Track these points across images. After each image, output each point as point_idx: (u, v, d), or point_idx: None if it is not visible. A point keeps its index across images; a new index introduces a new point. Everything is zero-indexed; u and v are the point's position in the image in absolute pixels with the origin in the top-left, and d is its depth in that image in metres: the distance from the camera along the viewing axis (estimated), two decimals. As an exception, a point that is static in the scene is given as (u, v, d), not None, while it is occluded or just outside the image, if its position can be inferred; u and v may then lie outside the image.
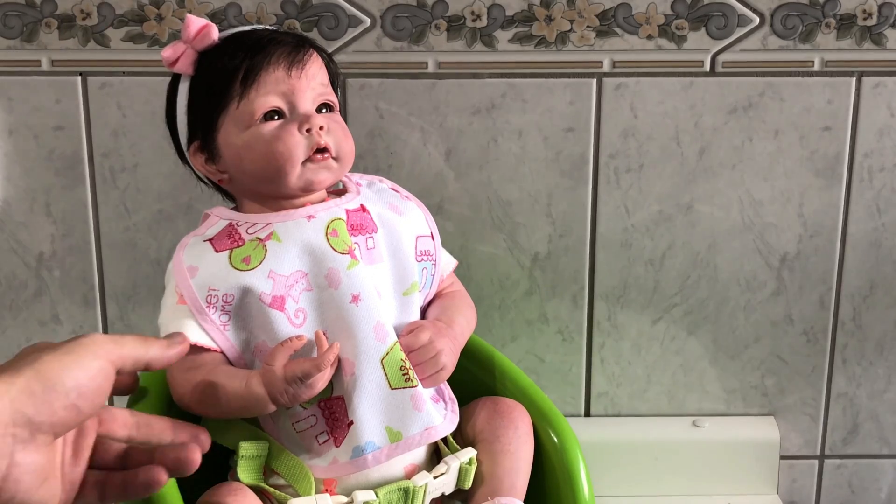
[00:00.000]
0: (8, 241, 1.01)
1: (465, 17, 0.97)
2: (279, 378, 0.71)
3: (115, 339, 0.57)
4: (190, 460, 0.58)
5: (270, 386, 0.71)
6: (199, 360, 0.74)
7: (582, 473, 0.81)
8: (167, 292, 0.77)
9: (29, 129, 0.98)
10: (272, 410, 0.73)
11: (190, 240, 0.77)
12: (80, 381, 0.53)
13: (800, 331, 1.06)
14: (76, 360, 0.54)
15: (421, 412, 0.76)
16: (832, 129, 1.00)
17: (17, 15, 0.96)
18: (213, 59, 0.77)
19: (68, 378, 0.53)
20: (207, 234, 0.77)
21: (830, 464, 1.10)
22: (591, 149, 1.01)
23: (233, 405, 0.72)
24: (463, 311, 0.84)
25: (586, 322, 1.05)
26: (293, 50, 0.78)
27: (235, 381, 0.72)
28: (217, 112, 0.77)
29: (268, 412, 0.73)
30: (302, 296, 0.75)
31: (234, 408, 0.73)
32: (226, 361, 0.75)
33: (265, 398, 0.71)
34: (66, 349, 0.54)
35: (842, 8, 0.97)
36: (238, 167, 0.78)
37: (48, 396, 0.52)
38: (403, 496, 0.76)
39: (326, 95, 0.79)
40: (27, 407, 0.51)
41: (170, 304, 0.76)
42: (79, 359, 0.54)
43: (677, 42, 0.98)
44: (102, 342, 0.55)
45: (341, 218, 0.78)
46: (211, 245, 0.76)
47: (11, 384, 0.51)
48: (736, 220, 1.03)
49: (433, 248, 0.83)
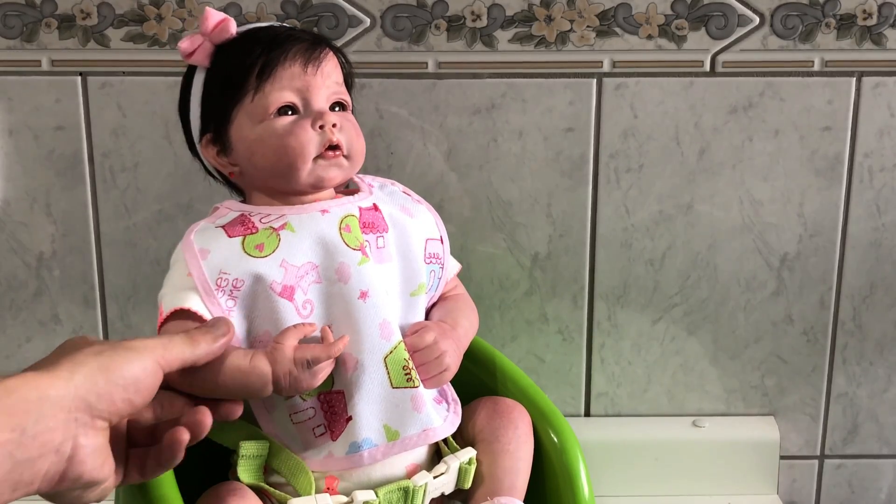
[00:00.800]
0: (8, 241, 1.01)
1: (465, 17, 0.97)
2: (288, 357, 0.70)
3: (164, 344, 0.62)
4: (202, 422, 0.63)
5: (276, 364, 0.70)
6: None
7: (582, 473, 0.81)
8: (174, 270, 0.75)
9: (29, 129, 0.98)
10: (268, 394, 0.71)
11: (200, 224, 0.77)
12: (138, 377, 0.58)
13: (800, 331, 1.06)
14: (136, 356, 0.59)
15: (420, 413, 0.76)
16: (832, 129, 1.00)
17: (17, 15, 0.96)
18: (229, 53, 0.78)
19: (128, 372, 0.58)
20: (219, 222, 0.77)
21: (830, 464, 1.10)
22: (591, 149, 1.01)
23: (230, 381, 0.69)
24: (466, 314, 0.84)
25: (586, 322, 1.05)
26: (310, 47, 0.78)
27: (237, 356, 0.70)
28: (231, 105, 0.77)
29: (264, 395, 0.72)
30: (311, 288, 0.75)
31: (230, 383, 0.70)
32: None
33: (268, 376, 0.70)
34: (126, 346, 0.59)
35: (842, 8, 0.97)
36: (249, 161, 0.78)
37: (109, 387, 0.57)
38: (403, 496, 0.76)
39: (340, 94, 0.79)
40: (90, 394, 0.56)
41: (176, 278, 0.74)
42: (137, 357, 0.59)
43: (677, 42, 0.98)
44: (153, 346, 0.61)
45: (354, 214, 0.78)
46: (224, 230, 0.76)
47: (75, 372, 0.56)
48: (736, 220, 1.03)
49: (442, 252, 0.83)
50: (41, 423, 0.53)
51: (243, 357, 0.70)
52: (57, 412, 0.54)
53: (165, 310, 0.73)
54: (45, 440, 0.54)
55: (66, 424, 0.55)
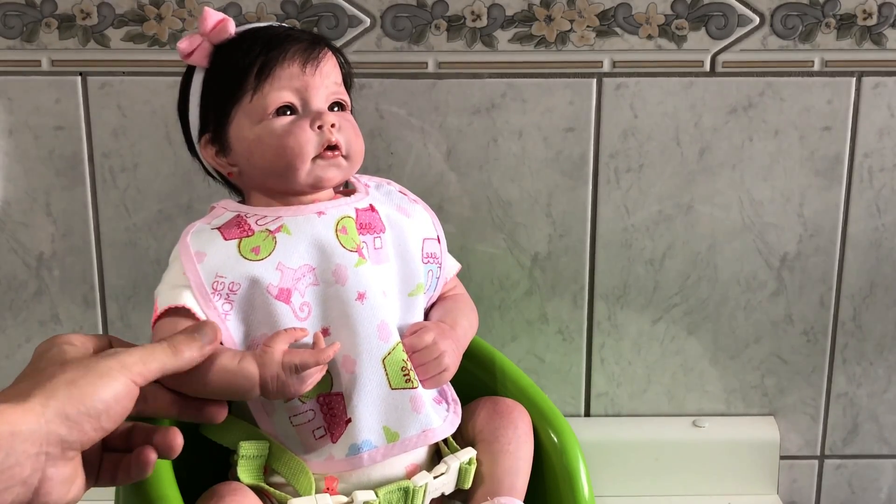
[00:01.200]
0: (8, 241, 1.01)
1: (465, 17, 0.97)
2: (276, 361, 0.70)
3: (144, 358, 0.61)
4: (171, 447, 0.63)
5: (264, 367, 0.70)
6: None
7: (582, 473, 0.81)
8: (170, 270, 0.76)
9: (29, 129, 0.98)
10: (256, 395, 0.71)
11: (197, 225, 0.77)
12: (109, 404, 0.58)
13: (800, 331, 1.06)
14: (109, 382, 0.58)
15: (420, 414, 0.76)
16: (832, 129, 1.00)
17: (17, 15, 0.96)
18: (228, 53, 0.78)
19: (99, 402, 0.57)
20: (215, 223, 0.77)
21: (830, 464, 1.10)
22: (591, 149, 1.01)
23: (216, 381, 0.70)
24: (466, 314, 0.84)
25: (586, 322, 1.05)
26: (309, 47, 0.78)
27: (226, 356, 0.70)
28: (230, 105, 0.77)
29: (251, 397, 0.72)
30: (308, 290, 0.75)
31: (217, 384, 0.70)
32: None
33: (255, 379, 0.70)
34: (100, 370, 0.58)
35: (842, 8, 0.97)
36: (248, 161, 0.78)
37: (80, 419, 0.57)
38: (403, 496, 0.76)
39: (339, 94, 0.79)
40: (61, 429, 0.56)
41: (172, 277, 0.75)
42: (110, 382, 0.58)
43: (677, 42, 0.98)
44: (131, 364, 0.60)
45: (351, 216, 0.78)
46: (220, 233, 0.76)
47: (46, 406, 0.56)
48: (736, 220, 1.03)
49: (439, 252, 0.83)
50: (11, 457, 0.54)
51: (232, 358, 0.70)
52: (27, 447, 0.54)
53: (160, 307, 0.74)
54: (14, 473, 0.54)
55: (36, 458, 0.55)
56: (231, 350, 0.72)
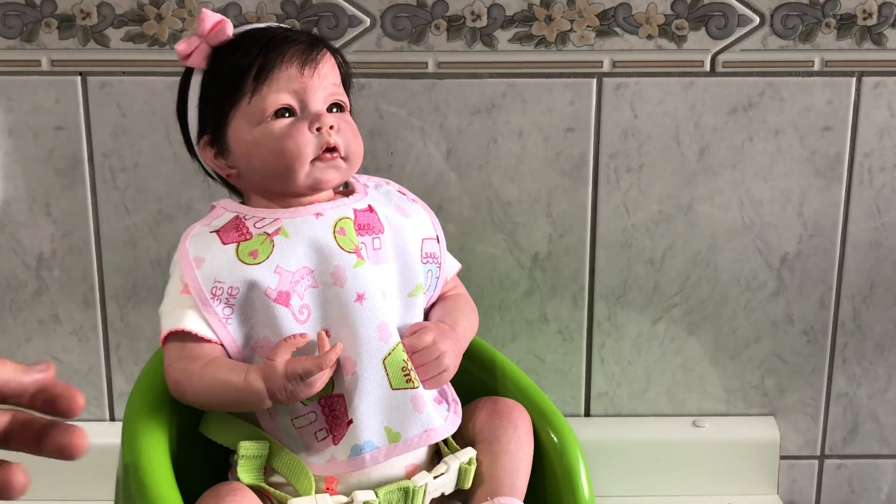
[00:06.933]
0: (8, 241, 1.01)
1: (465, 17, 0.97)
2: (279, 374, 0.71)
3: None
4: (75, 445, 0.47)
5: (270, 381, 0.71)
6: (198, 349, 0.74)
7: (582, 473, 0.81)
8: (172, 281, 0.77)
9: (29, 129, 0.98)
10: (268, 406, 0.73)
11: (196, 229, 0.77)
12: None
13: (800, 331, 1.06)
14: None
15: (421, 414, 0.76)
16: (832, 129, 1.00)
17: (17, 15, 0.96)
18: (226, 55, 0.78)
19: None
20: (214, 226, 0.77)
21: (830, 464, 1.10)
22: (591, 149, 1.01)
23: (229, 397, 0.73)
24: (466, 314, 0.84)
25: (586, 322, 1.05)
26: (307, 49, 0.78)
27: (234, 374, 0.72)
28: (228, 107, 0.77)
29: (264, 408, 0.74)
30: (307, 292, 0.75)
31: (230, 400, 0.73)
32: (225, 354, 0.75)
33: (263, 393, 0.71)
34: None
35: (842, 8, 0.97)
36: (247, 163, 0.78)
37: None
38: (403, 496, 0.76)
39: (338, 95, 0.79)
40: None
41: (173, 293, 0.76)
42: None
43: (677, 42, 0.98)
44: None
45: (349, 217, 0.78)
46: (218, 237, 0.76)
47: None
48: (736, 220, 1.02)
49: (438, 251, 0.83)
50: None
51: (239, 375, 0.72)
52: None
53: (164, 329, 0.75)
54: None
55: None
56: (238, 365, 0.73)
